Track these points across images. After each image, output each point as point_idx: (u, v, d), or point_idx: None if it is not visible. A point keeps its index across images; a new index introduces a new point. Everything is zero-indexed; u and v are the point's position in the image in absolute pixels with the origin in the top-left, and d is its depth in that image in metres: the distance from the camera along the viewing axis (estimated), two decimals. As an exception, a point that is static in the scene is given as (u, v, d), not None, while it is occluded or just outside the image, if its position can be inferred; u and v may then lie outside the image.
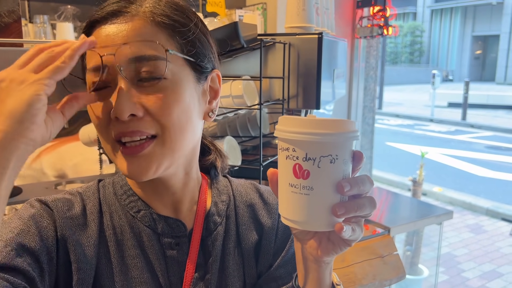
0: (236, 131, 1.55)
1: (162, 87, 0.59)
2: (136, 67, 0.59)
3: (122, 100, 0.57)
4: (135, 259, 0.66)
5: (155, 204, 0.69)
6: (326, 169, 0.52)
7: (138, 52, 0.58)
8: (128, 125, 0.58)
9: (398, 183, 6.52)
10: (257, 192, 0.78)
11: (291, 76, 1.31)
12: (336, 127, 0.51)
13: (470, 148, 9.17)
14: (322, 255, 0.59)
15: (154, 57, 0.59)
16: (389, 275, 1.36)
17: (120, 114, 0.57)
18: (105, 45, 0.59)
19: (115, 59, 0.58)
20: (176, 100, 0.60)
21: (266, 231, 0.75)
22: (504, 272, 3.94)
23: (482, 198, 5.86)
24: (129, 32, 0.59)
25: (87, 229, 0.65)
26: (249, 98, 1.24)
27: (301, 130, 0.51)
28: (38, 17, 2.21)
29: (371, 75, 3.28)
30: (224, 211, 0.73)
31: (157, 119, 0.59)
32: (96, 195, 0.70)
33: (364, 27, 3.03)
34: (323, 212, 0.53)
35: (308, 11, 1.29)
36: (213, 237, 0.71)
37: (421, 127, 11.98)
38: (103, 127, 0.60)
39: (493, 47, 25.72)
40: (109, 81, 0.59)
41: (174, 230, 0.68)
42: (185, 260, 0.68)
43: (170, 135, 0.60)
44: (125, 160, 0.60)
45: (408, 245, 3.29)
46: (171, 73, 0.61)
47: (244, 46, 1.15)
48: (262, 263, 0.74)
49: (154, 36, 0.60)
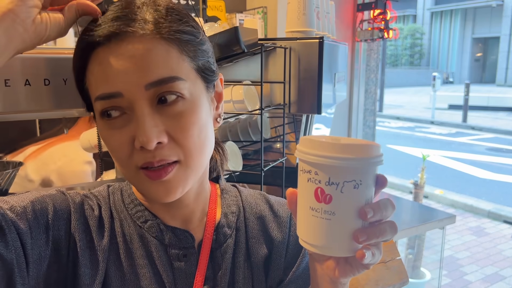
0: (237, 135, 1.55)
1: (182, 109, 0.58)
2: (154, 91, 0.56)
3: (148, 129, 0.55)
4: (144, 268, 0.65)
5: (163, 214, 0.67)
6: (349, 195, 0.51)
7: (156, 76, 0.55)
8: (154, 153, 0.56)
9: (399, 185, 6.50)
10: (267, 204, 0.76)
11: (292, 80, 1.31)
12: (361, 151, 0.50)
13: (471, 150, 9.15)
14: (339, 276, 0.58)
15: (172, 79, 0.56)
16: (392, 280, 1.35)
17: (147, 144, 0.55)
18: (116, 71, 0.55)
19: (132, 86, 0.55)
20: (196, 120, 0.59)
21: (277, 245, 0.73)
22: (507, 275, 3.93)
23: (484, 200, 5.85)
24: (141, 54, 0.55)
25: (103, 233, 0.65)
26: (250, 103, 1.24)
27: (325, 154, 0.50)
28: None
29: (371, 78, 3.28)
30: (234, 223, 0.72)
31: (180, 143, 0.58)
32: (107, 200, 0.69)
33: (364, 30, 3.03)
34: (344, 238, 0.52)
35: (308, 16, 1.29)
36: (222, 250, 0.69)
37: (422, 129, 11.97)
38: (126, 157, 0.58)
39: (493, 49, 25.72)
40: (125, 107, 0.57)
41: (181, 241, 0.67)
42: (193, 272, 0.66)
43: (192, 158, 0.59)
44: (151, 184, 0.59)
45: (410, 248, 3.28)
46: (189, 92, 0.59)
47: (245, 51, 1.14)
48: (272, 278, 0.72)
49: (166, 55, 0.56)
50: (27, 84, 0.83)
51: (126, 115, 0.57)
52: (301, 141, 0.54)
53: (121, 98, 0.56)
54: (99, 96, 0.57)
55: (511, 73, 22.72)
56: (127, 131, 0.57)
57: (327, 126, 1.86)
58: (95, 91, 0.58)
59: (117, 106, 0.57)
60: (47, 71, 0.85)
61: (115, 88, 0.55)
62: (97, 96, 0.57)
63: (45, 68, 0.85)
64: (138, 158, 0.57)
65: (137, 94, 0.55)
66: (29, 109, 0.85)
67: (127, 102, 0.56)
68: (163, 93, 0.56)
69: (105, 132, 0.59)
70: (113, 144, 0.59)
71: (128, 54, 0.55)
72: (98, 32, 0.56)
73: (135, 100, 0.56)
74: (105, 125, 0.58)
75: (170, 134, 0.57)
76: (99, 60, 0.56)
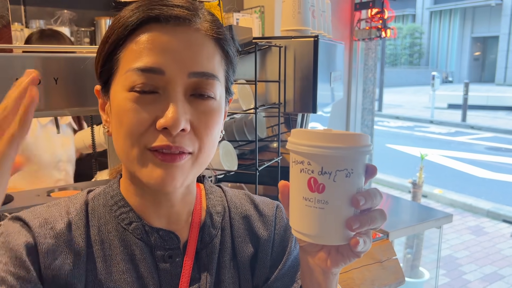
0: (233, 135, 1.54)
1: (210, 107, 0.60)
2: (194, 81, 0.58)
3: (179, 114, 0.56)
4: (125, 274, 0.63)
5: (148, 215, 0.66)
6: (341, 183, 0.52)
7: (201, 67, 0.58)
8: (175, 139, 0.57)
9: (398, 185, 6.50)
10: (252, 204, 0.77)
11: (287, 79, 1.30)
12: (352, 141, 0.51)
13: (470, 149, 9.15)
14: (331, 266, 0.58)
15: (213, 77, 0.59)
16: (388, 280, 1.34)
17: (173, 128, 0.55)
18: (166, 49, 0.56)
19: (176, 67, 0.56)
20: (218, 122, 0.62)
21: (262, 244, 0.73)
22: (506, 274, 3.92)
23: (483, 199, 5.84)
24: (193, 43, 0.58)
25: (73, 246, 0.62)
26: (245, 102, 1.23)
27: (317, 144, 0.51)
28: (34, 22, 2.21)
29: (369, 77, 3.27)
30: (219, 223, 0.72)
31: (199, 137, 0.59)
32: (83, 207, 0.66)
33: (362, 30, 3.02)
34: (337, 226, 0.53)
35: (303, 14, 1.28)
36: (208, 250, 0.69)
37: (421, 128, 11.97)
38: (138, 134, 0.57)
39: (493, 48, 25.73)
40: (160, 87, 0.57)
41: (166, 242, 0.66)
42: (179, 272, 0.66)
43: (204, 153, 0.61)
44: (157, 166, 0.58)
45: (409, 248, 3.27)
46: (219, 95, 0.62)
47: (239, 50, 1.14)
48: (258, 276, 0.72)
49: (213, 54, 0.60)
50: (17, 84, 0.82)
51: (157, 94, 0.57)
52: (292, 133, 0.55)
53: (161, 76, 0.56)
54: (140, 68, 0.56)
55: (510, 72, 22.73)
56: (153, 110, 0.57)
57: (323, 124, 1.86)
58: (135, 62, 0.57)
59: (152, 83, 0.57)
60: (38, 70, 0.84)
61: (159, 64, 0.56)
62: (136, 67, 0.57)
63: (36, 67, 0.84)
64: (153, 139, 0.57)
65: (179, 77, 0.57)
66: (20, 109, 0.84)
67: (164, 82, 0.57)
68: (201, 88, 0.59)
69: (128, 104, 0.57)
70: (131, 118, 0.57)
71: (183, 39, 0.57)
72: (160, 11, 0.58)
73: (175, 82, 0.57)
74: (133, 97, 0.57)
75: (193, 126, 0.59)
76: (151, 34, 0.57)
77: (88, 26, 2.49)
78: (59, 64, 0.86)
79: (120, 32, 0.59)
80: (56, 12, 2.34)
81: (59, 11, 2.35)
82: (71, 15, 2.32)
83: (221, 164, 1.23)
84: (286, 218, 0.77)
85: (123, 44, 0.59)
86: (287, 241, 0.75)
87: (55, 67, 0.86)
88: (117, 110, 0.59)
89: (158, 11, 0.57)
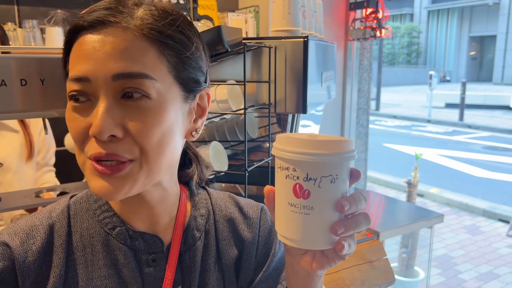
0: (225, 135, 1.54)
1: (146, 107, 0.56)
2: (120, 84, 0.55)
3: (102, 120, 0.54)
4: (107, 279, 0.63)
5: (131, 218, 0.66)
6: (326, 189, 0.53)
7: (125, 68, 0.55)
8: (106, 146, 0.55)
9: (395, 184, 6.51)
10: (236, 206, 0.77)
11: (278, 80, 1.30)
12: (336, 147, 0.52)
13: (468, 148, 9.17)
14: (316, 269, 0.59)
15: (141, 75, 0.56)
16: (377, 280, 1.35)
17: (99, 134, 0.54)
18: (90, 56, 0.55)
19: (99, 73, 0.55)
20: (159, 122, 0.58)
21: (247, 246, 0.73)
22: (501, 273, 3.93)
23: (479, 199, 5.86)
24: (117, 45, 0.55)
25: (53, 257, 0.62)
26: (235, 102, 1.23)
27: (301, 151, 0.52)
28: (27, 22, 2.20)
29: (364, 77, 3.27)
30: (203, 226, 0.72)
31: (137, 141, 0.56)
32: (65, 213, 0.66)
33: (357, 29, 3.03)
34: (322, 231, 0.54)
35: (293, 15, 1.28)
36: (191, 252, 0.69)
37: (419, 128, 11.98)
38: (79, 142, 0.58)
39: (490, 47, 25.76)
40: (90, 94, 0.56)
41: (150, 246, 0.66)
42: (162, 276, 0.66)
43: (148, 159, 0.58)
44: (98, 178, 0.57)
45: (404, 247, 3.28)
46: (157, 93, 0.57)
47: (228, 50, 1.14)
48: (243, 279, 0.73)
49: (143, 52, 0.56)
50: (3, 85, 0.82)
51: (90, 102, 0.57)
52: (277, 139, 0.55)
53: (89, 84, 0.56)
54: (71, 78, 0.57)
55: (507, 72, 22.77)
56: (88, 117, 0.57)
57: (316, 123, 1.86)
58: (70, 71, 0.58)
59: (84, 91, 0.57)
60: (24, 71, 0.84)
61: (85, 72, 0.56)
62: (69, 78, 0.58)
63: (22, 68, 0.84)
64: (90, 147, 0.57)
65: (103, 82, 0.55)
66: (6, 110, 0.84)
67: (93, 89, 0.56)
68: (129, 88, 0.56)
69: (69, 114, 0.59)
70: (72, 128, 0.58)
71: (106, 42, 0.56)
72: (87, 18, 0.57)
73: (100, 88, 0.56)
74: (70, 107, 0.58)
75: (129, 131, 0.56)
76: (80, 44, 0.57)
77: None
78: (45, 65, 0.86)
79: (64, 42, 0.61)
80: (49, 12, 2.34)
81: (52, 10, 2.34)
82: (64, 14, 2.31)
83: (211, 165, 1.23)
84: (270, 220, 0.77)
85: (67, 55, 0.60)
86: (271, 243, 0.75)
87: (41, 68, 0.86)
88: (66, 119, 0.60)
89: (84, 17, 0.58)
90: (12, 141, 1.62)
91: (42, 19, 2.34)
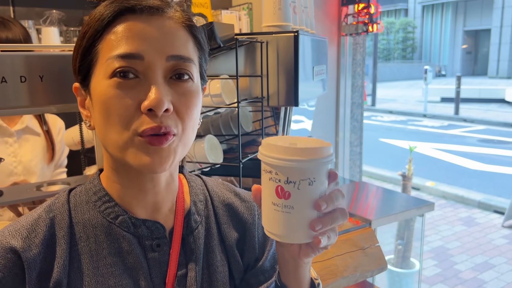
0: (220, 130, 1.57)
1: (190, 89, 0.63)
2: (172, 65, 0.61)
3: (162, 94, 0.59)
4: (112, 267, 0.65)
5: (133, 207, 0.68)
6: (305, 191, 0.58)
7: (178, 51, 0.62)
8: (161, 119, 0.59)
9: (391, 178, 6.56)
10: (232, 192, 0.81)
11: (271, 74, 1.33)
12: (313, 154, 0.57)
13: (463, 142, 9.23)
14: (302, 257, 0.65)
15: (189, 60, 0.63)
16: (370, 266, 1.39)
17: (158, 107, 0.58)
18: (143, 36, 0.60)
19: (155, 52, 0.60)
20: (197, 104, 0.65)
21: (249, 227, 0.78)
22: (496, 263, 3.98)
23: (474, 191, 5.91)
24: (168, 30, 0.62)
25: (56, 248, 0.64)
26: (228, 97, 1.26)
27: (282, 157, 0.57)
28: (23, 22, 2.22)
29: (358, 72, 3.31)
30: (203, 211, 0.75)
31: (181, 118, 0.62)
32: (66, 206, 0.68)
33: (349, 25, 3.06)
34: (302, 227, 0.60)
35: (284, 10, 1.31)
36: (194, 235, 0.72)
37: (414, 122, 12.04)
38: (125, 119, 0.59)
39: (485, 41, 25.84)
40: (140, 72, 0.60)
41: (153, 232, 0.68)
42: (167, 260, 0.68)
43: (186, 135, 0.64)
44: (146, 152, 0.60)
45: (400, 239, 3.32)
46: (196, 79, 0.65)
47: (221, 46, 1.17)
48: (247, 258, 0.77)
49: (186, 40, 0.64)
50: (3, 82, 0.85)
51: (138, 79, 0.60)
52: (262, 144, 0.61)
53: (141, 61, 0.60)
54: (120, 55, 0.59)
55: (502, 65, 22.85)
56: (135, 94, 0.60)
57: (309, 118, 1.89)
58: (114, 50, 0.60)
59: (133, 68, 0.60)
60: (23, 68, 0.87)
61: (139, 50, 0.59)
62: (117, 54, 0.60)
63: (21, 65, 0.87)
64: (141, 123, 0.59)
65: (158, 61, 0.60)
66: (6, 106, 0.87)
67: (144, 67, 0.60)
68: (179, 69, 0.62)
69: (112, 91, 0.60)
70: (116, 104, 0.59)
71: (158, 27, 0.61)
72: (135, 1, 0.62)
73: (154, 66, 0.60)
74: (115, 84, 0.60)
75: (175, 108, 0.62)
76: (128, 24, 0.61)
77: (77, 25, 2.50)
78: (44, 62, 0.89)
79: (97, 25, 0.62)
80: (45, 12, 2.35)
81: (48, 11, 2.36)
82: (60, 14, 2.33)
83: (206, 157, 1.27)
84: None
85: (101, 36, 0.62)
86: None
87: (40, 65, 0.89)
88: (101, 99, 0.61)
89: (134, 1, 0.62)
90: (35, 144, 1.64)
91: (38, 19, 2.36)
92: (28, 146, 1.61)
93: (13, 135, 1.56)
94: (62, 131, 1.70)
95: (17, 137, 1.58)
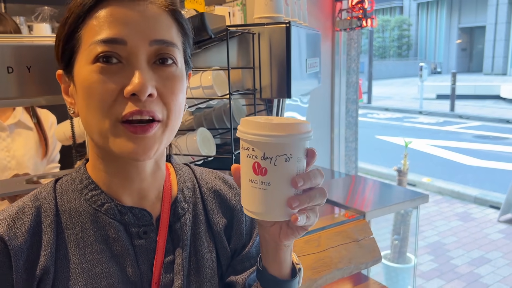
0: (213, 124, 1.56)
1: (174, 73, 0.63)
2: (155, 49, 0.61)
3: (145, 79, 0.58)
4: (99, 254, 0.65)
5: (120, 194, 0.68)
6: (281, 167, 0.57)
7: (161, 35, 0.61)
8: (144, 104, 0.59)
9: (387, 175, 6.57)
10: (220, 179, 0.81)
11: (263, 66, 1.32)
12: (290, 129, 0.57)
13: (459, 138, 9.25)
14: (282, 239, 0.64)
15: (172, 44, 0.62)
16: (364, 258, 1.38)
17: (141, 91, 0.58)
18: (125, 21, 0.59)
19: (137, 37, 0.59)
20: (181, 89, 0.64)
21: (236, 213, 0.78)
22: (492, 258, 4.00)
23: (470, 186, 5.93)
24: (150, 15, 0.61)
25: (43, 236, 0.64)
26: (220, 88, 1.26)
27: (259, 132, 0.57)
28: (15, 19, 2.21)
29: (352, 68, 3.30)
30: (190, 198, 0.75)
31: (166, 102, 0.61)
32: (52, 195, 0.67)
33: (343, 20, 3.06)
34: (279, 205, 0.59)
35: (275, 1, 1.30)
36: (181, 222, 0.72)
37: (410, 119, 12.06)
38: (107, 105, 0.59)
39: (480, 38, 25.92)
40: (123, 56, 0.59)
41: (140, 220, 0.68)
42: (154, 247, 0.68)
43: (171, 121, 0.63)
44: (129, 139, 0.60)
45: (396, 234, 3.32)
46: (180, 63, 0.65)
47: (212, 37, 1.16)
48: (234, 243, 0.77)
49: (169, 25, 0.63)
50: (-10, 72, 0.84)
51: (121, 64, 0.60)
52: (241, 122, 0.60)
53: (123, 46, 0.59)
54: (102, 39, 0.59)
55: (497, 62, 22.93)
56: (119, 79, 0.59)
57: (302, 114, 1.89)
58: (96, 35, 0.59)
59: (116, 53, 0.59)
60: (10, 58, 0.86)
61: (121, 35, 0.59)
62: (99, 39, 0.59)
63: (8, 55, 0.86)
64: (123, 108, 0.59)
65: (141, 46, 0.60)
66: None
67: (127, 52, 0.59)
68: (163, 54, 0.61)
69: (94, 76, 0.59)
70: (99, 89, 0.59)
71: (140, 11, 0.61)
72: None
73: (137, 51, 0.59)
74: (98, 69, 0.59)
75: (160, 93, 0.61)
76: (110, 9, 0.60)
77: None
78: (31, 53, 0.88)
79: (78, 10, 0.61)
80: (36, 8, 2.34)
81: (39, 7, 2.34)
82: (51, 11, 2.32)
83: (199, 150, 1.26)
84: None
85: (83, 22, 0.61)
86: None
87: (27, 56, 0.88)
88: (84, 85, 0.60)
89: None
90: (28, 139, 1.62)
91: (29, 16, 2.34)
92: (21, 140, 1.59)
93: (6, 130, 1.55)
94: (54, 125, 1.68)
95: (9, 131, 1.56)
